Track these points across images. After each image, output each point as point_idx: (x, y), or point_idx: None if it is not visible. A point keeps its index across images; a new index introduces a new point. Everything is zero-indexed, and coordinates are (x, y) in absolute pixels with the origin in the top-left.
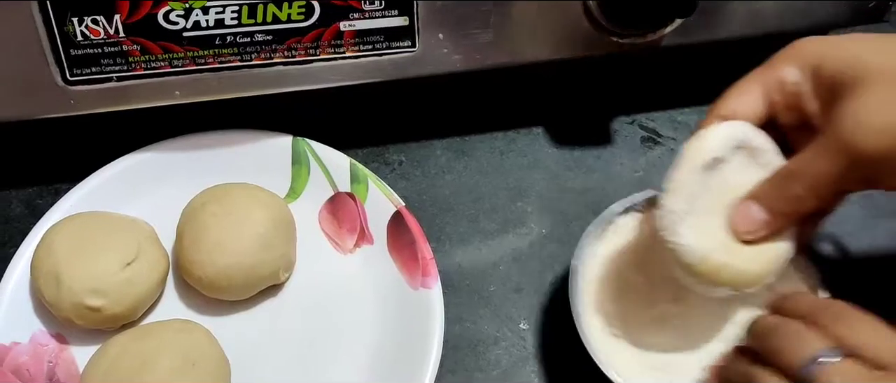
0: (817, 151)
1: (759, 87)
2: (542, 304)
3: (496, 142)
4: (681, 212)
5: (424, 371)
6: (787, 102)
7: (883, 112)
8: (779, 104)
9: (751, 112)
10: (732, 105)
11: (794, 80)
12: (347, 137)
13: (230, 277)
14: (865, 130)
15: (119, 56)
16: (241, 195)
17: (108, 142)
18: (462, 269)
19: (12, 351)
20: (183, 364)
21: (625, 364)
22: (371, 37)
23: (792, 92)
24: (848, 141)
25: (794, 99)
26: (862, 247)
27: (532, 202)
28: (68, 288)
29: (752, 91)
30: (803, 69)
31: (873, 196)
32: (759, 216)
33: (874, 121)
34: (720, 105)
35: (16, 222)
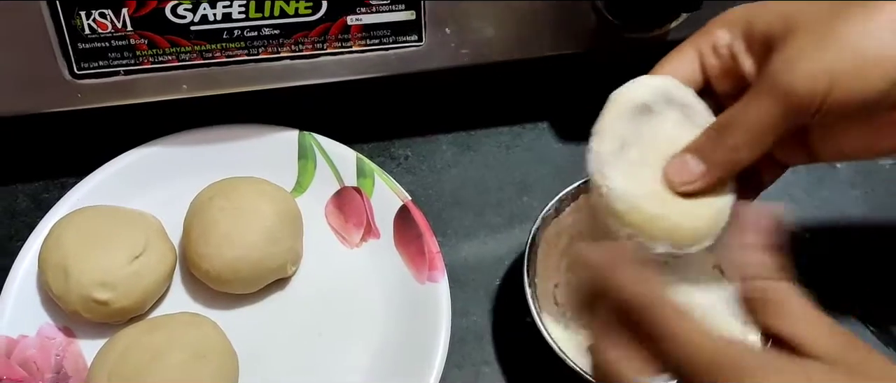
0: (751, 97)
1: (694, 51)
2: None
3: (502, 136)
4: (609, 154)
5: (431, 365)
6: (722, 65)
7: (812, 56)
8: (714, 68)
9: (686, 76)
10: (667, 70)
11: (726, 41)
12: (353, 132)
13: (238, 270)
14: (796, 72)
15: (126, 50)
16: (249, 189)
17: (115, 137)
18: (468, 263)
19: (20, 344)
20: (192, 357)
21: (570, 335)
22: (378, 31)
23: (725, 54)
24: (780, 83)
25: (728, 61)
26: (865, 242)
27: (538, 196)
28: (76, 282)
29: (686, 56)
30: (734, 30)
31: (876, 191)
32: (696, 167)
33: (804, 64)
34: (655, 70)
35: (22, 216)
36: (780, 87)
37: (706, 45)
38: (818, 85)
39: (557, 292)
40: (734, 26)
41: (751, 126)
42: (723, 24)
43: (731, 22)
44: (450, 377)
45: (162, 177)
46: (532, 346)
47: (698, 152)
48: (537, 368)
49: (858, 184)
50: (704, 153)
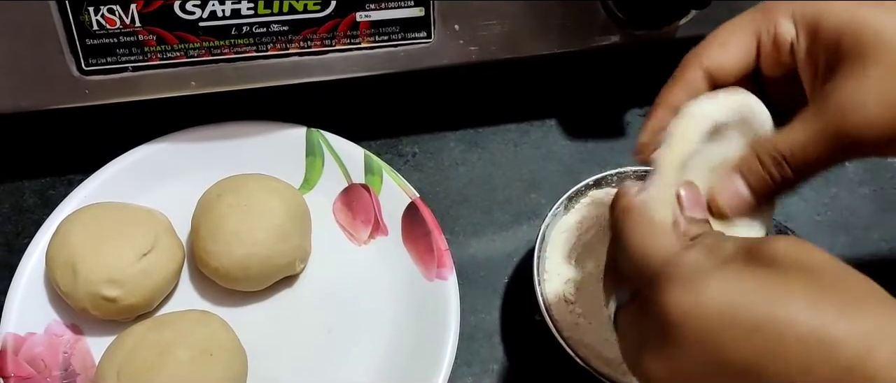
0: (809, 134)
1: (751, 35)
2: None
3: (510, 134)
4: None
5: (441, 362)
6: (780, 58)
7: (883, 98)
8: (769, 56)
9: (738, 66)
10: (719, 56)
11: (789, 35)
12: (361, 129)
13: (246, 268)
14: (866, 119)
15: (135, 46)
16: (257, 186)
17: (123, 133)
18: (477, 261)
19: (28, 341)
20: (200, 354)
21: (579, 332)
22: (387, 28)
23: (786, 49)
24: (846, 127)
25: (787, 56)
26: (874, 239)
27: (546, 194)
28: (84, 279)
29: (742, 41)
30: (800, 24)
31: (885, 188)
32: (744, 192)
33: (872, 109)
34: (703, 53)
35: (29, 213)
36: (843, 130)
37: (766, 32)
38: (882, 128)
39: (567, 289)
40: (800, 21)
41: (807, 162)
42: (788, 15)
43: (797, 14)
44: (459, 375)
45: (170, 174)
46: (542, 344)
47: (748, 176)
48: (547, 366)
49: (867, 182)
50: (754, 178)
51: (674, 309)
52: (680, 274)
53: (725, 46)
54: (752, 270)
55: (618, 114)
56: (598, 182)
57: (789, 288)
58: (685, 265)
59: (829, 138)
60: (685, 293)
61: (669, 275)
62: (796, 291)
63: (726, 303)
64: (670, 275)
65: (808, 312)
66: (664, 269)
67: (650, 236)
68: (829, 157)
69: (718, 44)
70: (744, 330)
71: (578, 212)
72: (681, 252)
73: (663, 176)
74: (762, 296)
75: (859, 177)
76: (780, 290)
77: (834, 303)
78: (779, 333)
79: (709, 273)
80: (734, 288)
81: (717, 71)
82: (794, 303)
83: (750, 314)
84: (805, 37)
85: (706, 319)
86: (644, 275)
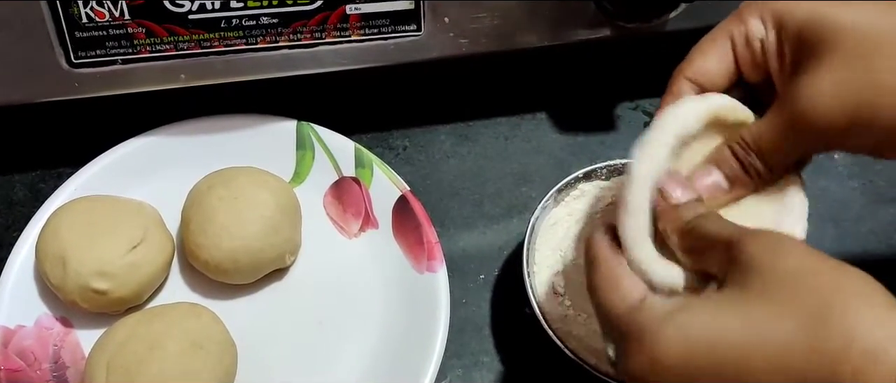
0: (773, 125)
1: (726, 41)
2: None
3: (500, 127)
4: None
5: (430, 354)
6: (753, 58)
7: (839, 90)
8: (746, 59)
9: (720, 72)
10: (700, 65)
11: (759, 34)
12: (352, 122)
13: (236, 260)
14: (821, 109)
15: (124, 39)
16: (248, 179)
17: (113, 126)
18: (467, 254)
19: (17, 334)
20: (190, 347)
21: (568, 324)
22: (376, 20)
23: (757, 47)
24: (803, 117)
25: (759, 55)
26: (863, 232)
27: (536, 187)
28: (74, 271)
29: (719, 47)
30: (768, 21)
31: (874, 181)
32: (720, 182)
33: (827, 99)
34: (686, 66)
35: (19, 206)
36: (802, 120)
37: (739, 33)
38: (840, 119)
39: (556, 281)
40: (768, 19)
41: (772, 153)
42: (757, 12)
43: (765, 12)
44: (449, 367)
45: (160, 167)
46: (531, 336)
47: (722, 166)
48: (536, 358)
49: (856, 176)
50: (726, 169)
51: (637, 371)
52: (634, 333)
53: (705, 54)
54: (711, 304)
55: (608, 108)
56: (588, 175)
57: (749, 317)
58: (637, 321)
59: (790, 129)
60: (641, 354)
61: (626, 336)
62: (757, 319)
63: (682, 353)
64: (626, 336)
65: (769, 342)
66: (623, 330)
67: (612, 291)
68: (793, 147)
69: (699, 53)
70: (707, 373)
71: (568, 205)
72: (635, 306)
73: (636, 184)
74: (720, 334)
75: (848, 171)
76: (739, 322)
77: (797, 325)
78: (742, 370)
79: (659, 325)
80: (689, 333)
81: (702, 78)
82: (754, 334)
83: (710, 356)
84: (773, 33)
85: (668, 374)
86: (614, 333)
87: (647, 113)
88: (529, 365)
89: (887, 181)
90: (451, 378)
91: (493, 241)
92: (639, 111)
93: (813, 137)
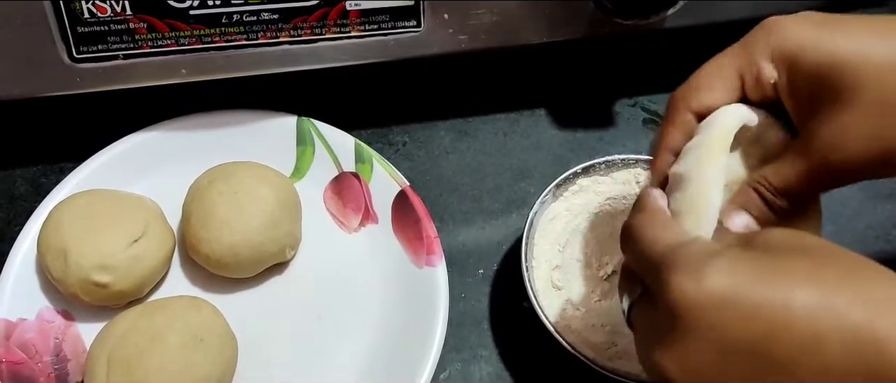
0: (797, 170)
1: (735, 77)
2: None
3: (499, 123)
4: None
5: (429, 348)
6: (765, 94)
7: (871, 135)
8: (754, 92)
9: (726, 104)
10: (707, 99)
11: (772, 78)
12: (352, 118)
13: (237, 254)
14: (852, 154)
15: (126, 34)
16: (248, 174)
17: (114, 121)
18: (466, 248)
19: (19, 327)
20: (191, 340)
21: (567, 318)
22: (376, 16)
23: (768, 88)
24: (831, 162)
25: (771, 93)
26: (860, 228)
27: (535, 183)
28: (76, 265)
29: (727, 83)
30: (779, 64)
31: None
32: (751, 224)
33: (855, 148)
34: (690, 97)
35: (21, 201)
36: (827, 165)
37: (749, 73)
38: (864, 160)
39: (555, 275)
40: (779, 61)
41: (796, 194)
42: (767, 49)
43: (777, 49)
44: (448, 360)
45: (161, 162)
46: (530, 330)
47: (749, 209)
48: (534, 351)
49: None
50: (754, 211)
51: (677, 295)
52: (682, 260)
53: (712, 89)
54: (751, 254)
55: (607, 104)
56: (586, 169)
57: (788, 267)
58: (687, 252)
59: (815, 173)
60: (687, 278)
61: (672, 262)
62: (795, 268)
63: (728, 286)
64: (673, 262)
65: (810, 286)
66: (667, 257)
67: (659, 229)
68: (818, 189)
69: (705, 88)
70: (748, 309)
71: (567, 200)
72: (684, 242)
73: (701, 191)
74: (765, 274)
75: None
76: (779, 269)
77: (833, 276)
78: (783, 308)
79: (709, 258)
80: (735, 271)
81: (707, 113)
82: (795, 279)
83: (753, 293)
84: (786, 75)
85: (710, 303)
86: (651, 264)
87: (645, 109)
88: (528, 359)
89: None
90: (451, 371)
91: (492, 236)
92: (637, 107)
93: (839, 176)
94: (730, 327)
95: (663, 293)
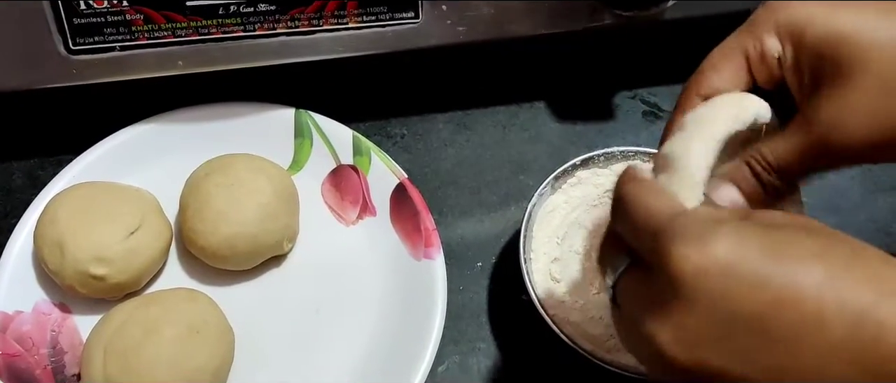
0: (795, 146)
1: (741, 57)
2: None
3: (498, 116)
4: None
5: (428, 340)
6: (770, 74)
7: (872, 113)
8: (762, 76)
9: (733, 85)
10: (714, 82)
11: (776, 52)
12: (350, 110)
13: (233, 247)
14: (852, 131)
15: (122, 25)
16: (245, 166)
17: (111, 113)
18: (465, 241)
19: (15, 319)
20: (187, 331)
21: (565, 311)
22: (374, 7)
23: (774, 65)
24: (830, 139)
25: (776, 71)
26: (861, 220)
27: (534, 175)
28: (72, 257)
29: (733, 64)
30: (784, 38)
31: (872, 170)
32: (737, 200)
33: (855, 126)
34: (700, 81)
35: (18, 193)
36: (826, 143)
37: (754, 50)
38: (864, 141)
39: (553, 268)
40: (784, 35)
41: (791, 172)
42: (772, 29)
43: (780, 28)
44: (446, 353)
45: (158, 155)
46: (528, 323)
47: (740, 184)
48: (533, 344)
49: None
50: (745, 186)
51: (682, 262)
52: (684, 228)
53: (719, 71)
54: (756, 227)
55: (606, 97)
56: (585, 162)
57: (796, 243)
58: (688, 220)
59: (813, 151)
60: (694, 247)
61: (676, 230)
62: (803, 245)
63: (736, 256)
64: (677, 230)
65: (818, 263)
66: (670, 225)
67: (653, 198)
68: (815, 166)
69: (711, 69)
70: (754, 281)
71: (565, 192)
72: (683, 210)
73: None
74: (771, 248)
75: None
76: (787, 243)
77: (841, 257)
78: (791, 283)
79: (717, 226)
80: (741, 241)
81: (715, 95)
82: (803, 255)
83: (760, 265)
84: (790, 50)
85: (716, 272)
86: (648, 233)
87: (645, 102)
88: (526, 351)
89: (885, 170)
90: (449, 364)
91: (491, 229)
92: (637, 100)
93: (838, 157)
94: (734, 297)
95: (664, 262)
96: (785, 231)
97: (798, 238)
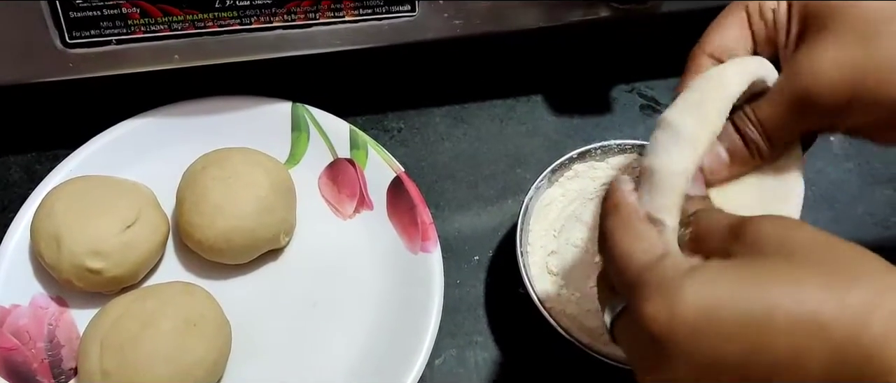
0: (775, 99)
1: (742, 13)
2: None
3: (495, 109)
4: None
5: (424, 334)
6: (766, 31)
7: (842, 64)
8: (760, 33)
9: (739, 45)
10: (719, 40)
11: (771, 5)
12: (347, 104)
13: (230, 240)
14: (822, 83)
15: (118, 19)
16: (242, 159)
17: (108, 107)
18: (461, 235)
19: (12, 313)
20: (184, 325)
21: (562, 303)
22: (371, 0)
23: (769, 18)
24: (804, 91)
25: (771, 27)
26: (858, 213)
27: (531, 169)
28: (69, 251)
29: (736, 20)
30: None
31: (870, 163)
32: (720, 154)
33: (827, 73)
34: (706, 42)
35: (15, 187)
36: (803, 96)
37: (753, 5)
38: (842, 95)
39: (550, 261)
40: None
41: (772, 129)
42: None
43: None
44: (443, 346)
45: (154, 148)
46: (525, 316)
47: (723, 140)
48: (530, 337)
49: (852, 157)
50: (728, 143)
51: (652, 322)
52: (654, 283)
53: (723, 28)
54: (732, 265)
55: (603, 90)
56: (582, 155)
57: (771, 276)
58: (658, 273)
59: (791, 102)
60: (660, 305)
61: (644, 285)
62: (779, 277)
63: (704, 307)
64: (645, 285)
65: (792, 297)
66: (640, 279)
67: (631, 240)
68: (795, 122)
69: (716, 27)
70: (727, 328)
71: (562, 185)
72: (658, 259)
73: (686, 146)
74: (742, 290)
75: (844, 152)
76: (761, 280)
77: (820, 283)
78: (764, 324)
79: (682, 278)
80: (711, 288)
81: (721, 53)
82: (777, 290)
83: (731, 310)
84: (784, 5)
85: (685, 330)
86: (625, 285)
87: (642, 95)
88: (523, 345)
89: (882, 162)
90: (446, 357)
91: (488, 223)
92: (634, 93)
93: (814, 112)
94: (711, 348)
95: (638, 320)
96: (762, 263)
97: (774, 272)
